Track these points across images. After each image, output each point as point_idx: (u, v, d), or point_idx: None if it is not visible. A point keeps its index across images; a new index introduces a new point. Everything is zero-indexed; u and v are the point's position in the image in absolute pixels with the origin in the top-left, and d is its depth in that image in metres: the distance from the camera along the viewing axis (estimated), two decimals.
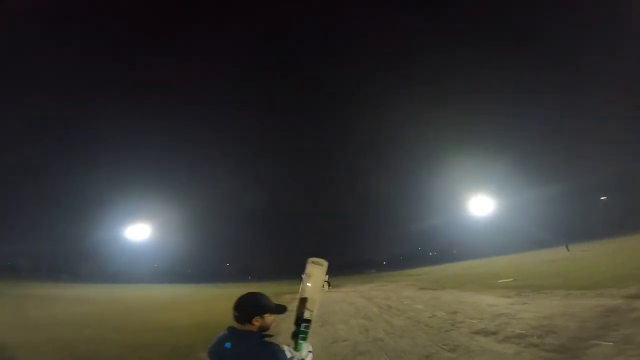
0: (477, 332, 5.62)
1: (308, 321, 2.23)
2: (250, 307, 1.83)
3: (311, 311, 2.27)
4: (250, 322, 1.79)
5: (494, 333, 5.39)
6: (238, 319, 1.81)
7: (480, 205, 45.85)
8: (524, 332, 5.13)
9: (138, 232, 40.74)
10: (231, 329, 1.81)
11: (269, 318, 1.85)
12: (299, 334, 2.16)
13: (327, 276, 17.73)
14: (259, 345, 1.76)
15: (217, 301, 17.08)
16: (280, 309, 1.92)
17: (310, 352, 2.08)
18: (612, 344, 3.79)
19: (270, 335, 2.02)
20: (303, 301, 2.32)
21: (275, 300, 1.93)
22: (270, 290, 27.17)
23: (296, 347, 2.10)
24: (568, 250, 28.43)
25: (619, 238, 32.26)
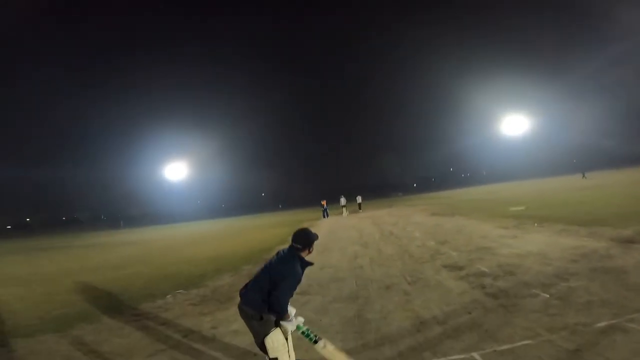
0: (446, 266, 5.99)
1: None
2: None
3: None
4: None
5: (461, 268, 5.72)
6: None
7: (514, 124, 42.83)
8: (486, 270, 5.39)
9: (177, 171, 43.32)
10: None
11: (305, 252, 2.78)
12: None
13: (360, 197, 18.89)
14: (289, 252, 2.75)
15: (241, 234, 19.03)
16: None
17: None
18: (547, 296, 3.94)
19: (309, 262, 2.81)
20: None
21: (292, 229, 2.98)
22: (293, 217, 29.05)
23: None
24: (584, 177, 26.80)
25: None
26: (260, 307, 2.57)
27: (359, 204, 29.47)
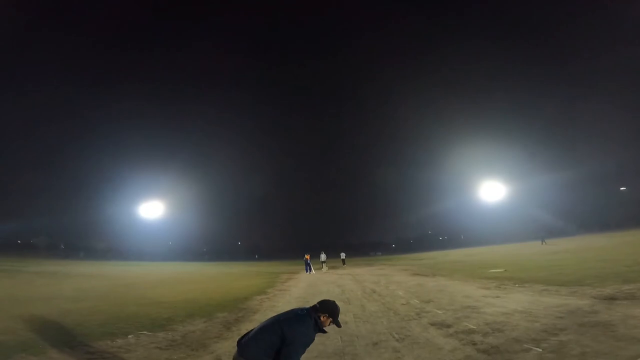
0: (434, 324, 5.70)
1: None
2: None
3: None
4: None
5: (448, 326, 5.45)
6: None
7: (491, 190, 44.89)
8: (474, 328, 5.16)
9: (152, 209, 41.87)
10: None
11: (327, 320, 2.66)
12: None
13: (344, 254, 18.40)
14: (309, 314, 2.59)
15: (215, 280, 17.73)
16: (336, 323, 2.74)
17: None
18: (541, 350, 3.78)
19: (324, 331, 2.69)
20: None
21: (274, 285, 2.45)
22: (270, 269, 27.84)
23: None
24: (544, 243, 27.47)
25: (634, 231, 30.96)
26: (259, 359, 2.37)
27: (343, 260, 28.80)
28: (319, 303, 2.70)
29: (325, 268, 25.20)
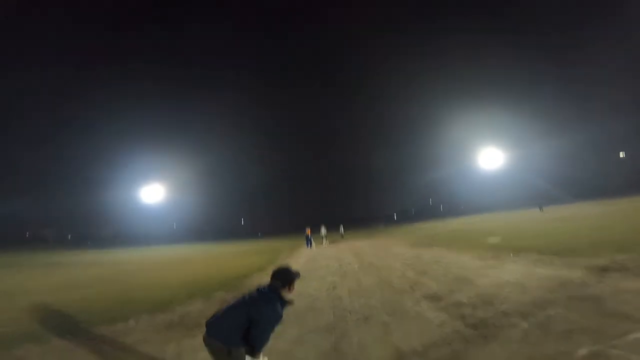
0: (426, 297, 5.75)
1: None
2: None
3: None
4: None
5: (440, 299, 5.50)
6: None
7: (490, 158, 44.52)
8: (465, 301, 5.20)
9: (153, 193, 41.84)
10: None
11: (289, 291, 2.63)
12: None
13: (342, 227, 18.50)
14: (270, 291, 2.54)
15: (217, 260, 17.92)
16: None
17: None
18: (527, 326, 3.78)
19: (291, 303, 2.66)
20: None
21: (275, 259, 2.45)
22: (272, 246, 28.19)
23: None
24: (541, 211, 27.33)
25: (632, 198, 30.73)
26: (230, 340, 2.33)
27: (342, 234, 29.08)
28: (276, 277, 2.61)
29: (326, 242, 25.52)
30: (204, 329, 2.48)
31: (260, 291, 2.58)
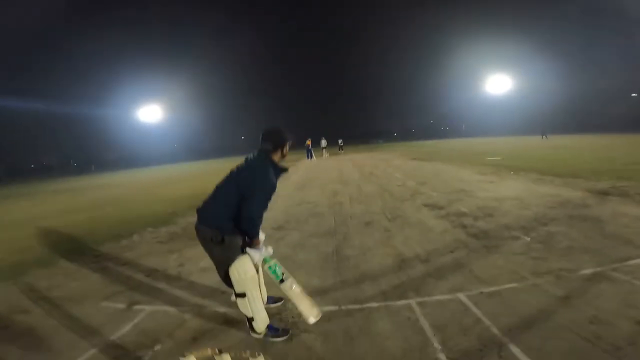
0: (427, 205, 5.78)
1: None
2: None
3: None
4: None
5: (441, 208, 5.51)
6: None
7: (497, 83, 42.08)
8: (466, 211, 5.19)
9: (151, 113, 39.66)
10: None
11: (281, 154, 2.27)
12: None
13: (341, 140, 18.19)
14: (259, 156, 2.20)
15: (217, 175, 17.60)
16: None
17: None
18: (529, 239, 3.75)
19: (285, 169, 2.34)
20: None
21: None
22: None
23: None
24: (545, 138, 26.82)
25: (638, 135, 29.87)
26: (223, 225, 2.05)
27: (340, 147, 28.98)
28: (265, 139, 2.20)
29: (326, 154, 25.56)
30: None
31: (248, 159, 2.23)
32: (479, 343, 2.01)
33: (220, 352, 1.49)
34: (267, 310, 2.33)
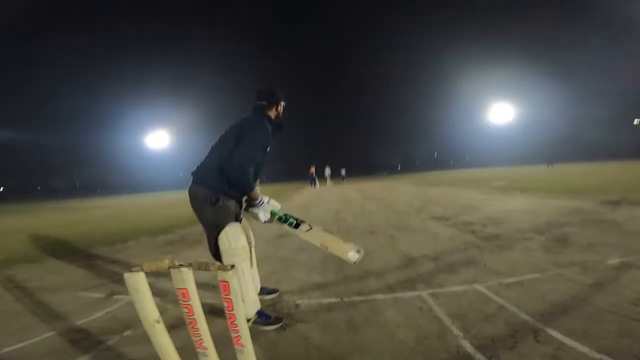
0: (433, 217, 5.52)
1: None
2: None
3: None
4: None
5: (447, 219, 5.25)
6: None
7: (500, 113, 42.73)
8: (474, 221, 4.93)
9: (158, 140, 40.62)
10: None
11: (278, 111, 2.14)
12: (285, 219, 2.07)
13: (344, 170, 18.02)
14: (254, 111, 2.07)
15: None
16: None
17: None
18: (544, 239, 3.50)
19: (282, 124, 2.19)
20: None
21: (280, 196, 1.93)
22: (275, 188, 28.12)
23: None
24: (550, 166, 26.62)
25: None
26: (217, 183, 1.85)
27: (343, 176, 29.00)
28: (260, 97, 2.07)
29: (330, 182, 25.52)
30: (204, 244, 2.11)
31: (243, 117, 2.09)
32: (508, 329, 1.74)
33: (180, 265, 1.28)
34: (261, 301, 2.07)
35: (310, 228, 1.94)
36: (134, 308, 1.28)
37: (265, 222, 1.98)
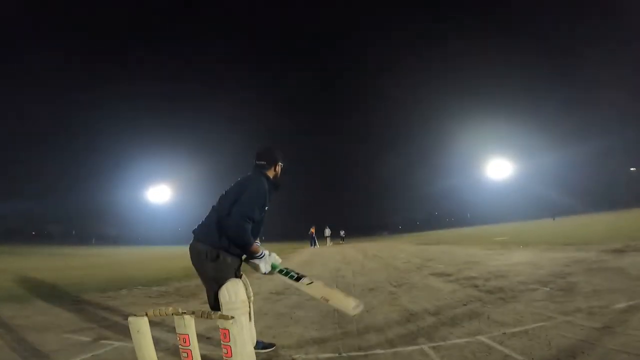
0: (434, 274, 5.35)
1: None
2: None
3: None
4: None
5: (449, 275, 5.10)
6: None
7: (498, 168, 43.68)
8: (476, 275, 4.79)
9: (159, 194, 41.17)
10: None
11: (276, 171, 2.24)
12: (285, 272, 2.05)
13: (343, 231, 17.73)
14: (254, 171, 2.17)
15: None
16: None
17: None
18: (548, 289, 3.39)
19: (278, 185, 2.24)
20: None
21: (279, 255, 2.13)
22: (276, 246, 27.68)
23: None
24: (554, 220, 26.58)
25: None
26: (218, 240, 1.90)
27: (343, 237, 28.57)
28: (260, 157, 2.17)
29: (330, 243, 25.07)
30: (200, 297, 2.15)
31: (243, 177, 2.18)
32: None
33: (183, 313, 1.35)
34: (256, 354, 1.95)
35: (312, 282, 1.93)
36: (123, 353, 1.30)
37: (265, 273, 1.98)
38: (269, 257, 2.00)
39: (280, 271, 2.02)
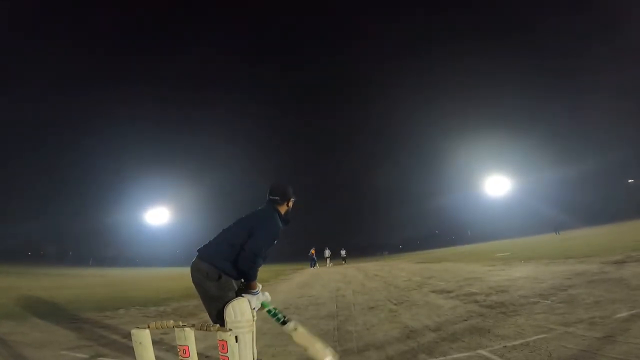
0: (434, 291, 5.27)
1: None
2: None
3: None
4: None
5: (449, 292, 5.02)
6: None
7: (496, 185, 43.62)
8: (477, 291, 4.72)
9: (158, 216, 40.66)
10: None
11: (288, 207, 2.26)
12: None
13: (344, 251, 17.53)
14: (268, 205, 2.19)
15: None
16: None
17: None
18: (549, 302, 3.35)
19: (288, 221, 2.25)
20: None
21: (279, 276, 2.05)
22: (276, 268, 27.31)
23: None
24: (557, 234, 26.42)
25: None
26: (222, 264, 1.92)
27: (344, 257, 28.13)
28: (273, 193, 2.21)
29: (329, 264, 24.69)
30: (199, 317, 2.13)
31: (257, 210, 2.22)
32: None
33: (183, 325, 1.40)
34: None
35: (296, 329, 2.02)
36: None
37: (254, 309, 1.98)
38: (262, 295, 2.05)
39: (269, 311, 2.09)
